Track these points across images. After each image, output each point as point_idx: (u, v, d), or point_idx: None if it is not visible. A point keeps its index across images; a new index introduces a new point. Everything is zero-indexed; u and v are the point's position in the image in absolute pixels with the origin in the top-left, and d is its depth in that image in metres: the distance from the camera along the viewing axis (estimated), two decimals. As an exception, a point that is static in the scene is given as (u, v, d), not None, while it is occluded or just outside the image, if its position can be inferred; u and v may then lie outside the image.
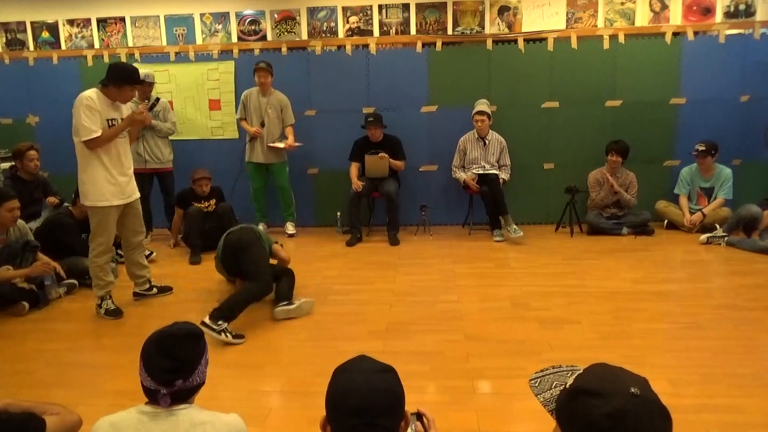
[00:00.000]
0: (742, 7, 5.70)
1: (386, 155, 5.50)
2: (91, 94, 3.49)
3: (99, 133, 3.46)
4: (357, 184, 5.47)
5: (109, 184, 3.59)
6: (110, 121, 3.56)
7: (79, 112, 3.44)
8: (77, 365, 3.01)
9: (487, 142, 5.62)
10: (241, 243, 3.69)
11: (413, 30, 5.98)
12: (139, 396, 1.54)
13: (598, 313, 3.51)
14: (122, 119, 3.66)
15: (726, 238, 5.01)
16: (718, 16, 5.73)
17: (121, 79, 3.53)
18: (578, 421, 1.00)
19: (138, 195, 3.87)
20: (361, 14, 6.00)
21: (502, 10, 5.88)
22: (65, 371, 2.94)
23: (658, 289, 3.94)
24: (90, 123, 3.44)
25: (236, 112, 5.81)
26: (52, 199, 5.06)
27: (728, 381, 2.62)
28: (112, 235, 3.71)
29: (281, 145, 5.63)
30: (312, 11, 6.04)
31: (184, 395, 1.52)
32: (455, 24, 5.94)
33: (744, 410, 2.38)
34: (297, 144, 5.65)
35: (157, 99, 5.51)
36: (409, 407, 1.30)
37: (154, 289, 4.08)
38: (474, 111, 5.55)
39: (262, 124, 5.58)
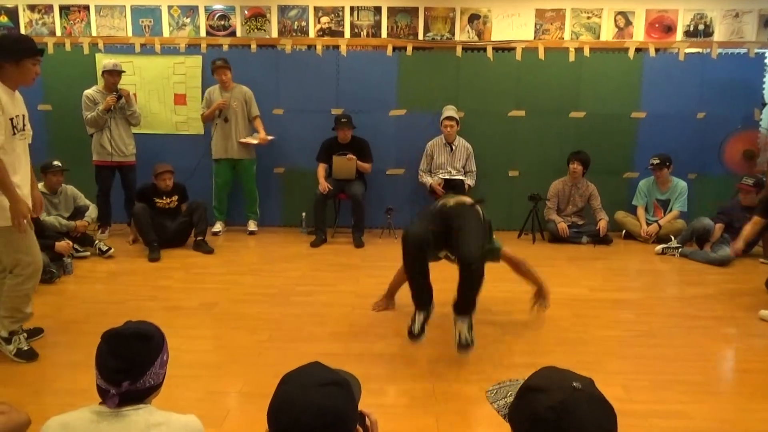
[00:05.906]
0: (701, 27, 5.92)
1: (354, 157, 5.49)
2: None
3: None
4: (324, 185, 5.45)
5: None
6: (14, 119, 2.74)
7: None
8: (27, 362, 2.90)
9: (454, 147, 5.68)
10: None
11: (384, 33, 5.99)
12: (91, 395, 1.49)
13: (557, 319, 3.59)
14: (24, 115, 2.85)
15: (680, 249, 5.19)
16: (679, 35, 5.93)
17: (18, 51, 2.69)
18: (525, 416, 1.05)
19: (35, 213, 3.04)
20: (332, 15, 5.98)
21: (472, 18, 5.96)
22: (14, 368, 2.83)
23: (615, 297, 4.05)
24: None
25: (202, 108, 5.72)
26: None
27: (678, 387, 2.71)
28: (38, 252, 2.91)
29: (254, 141, 5.57)
30: (283, 9, 5.99)
31: (135, 396, 1.46)
32: (426, 29, 5.98)
33: (692, 416, 2.46)
34: (270, 137, 5.60)
35: (120, 95, 5.23)
36: (367, 409, 1.29)
37: None
38: (443, 116, 5.60)
39: (226, 120, 5.52)
